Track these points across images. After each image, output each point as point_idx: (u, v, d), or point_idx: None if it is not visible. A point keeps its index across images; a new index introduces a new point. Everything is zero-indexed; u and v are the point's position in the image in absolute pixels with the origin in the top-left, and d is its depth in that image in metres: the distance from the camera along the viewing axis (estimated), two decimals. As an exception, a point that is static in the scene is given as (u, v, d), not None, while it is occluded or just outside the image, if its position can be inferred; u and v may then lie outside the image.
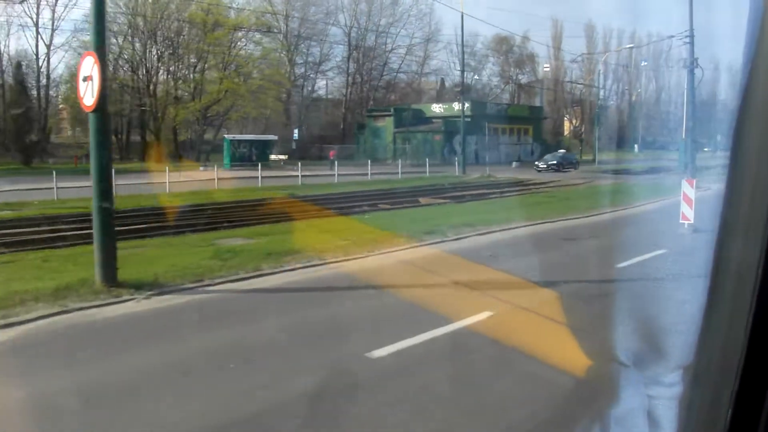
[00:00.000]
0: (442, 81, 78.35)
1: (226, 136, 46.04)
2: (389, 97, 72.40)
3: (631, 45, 66.20)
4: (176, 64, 50.46)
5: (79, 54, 50.80)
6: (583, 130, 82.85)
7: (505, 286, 9.20)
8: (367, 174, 33.95)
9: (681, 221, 14.76)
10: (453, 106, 58.11)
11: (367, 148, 57.44)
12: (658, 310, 7.55)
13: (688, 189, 15.04)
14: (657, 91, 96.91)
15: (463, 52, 40.33)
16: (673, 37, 29.09)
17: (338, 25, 65.03)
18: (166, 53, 49.46)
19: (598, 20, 69.19)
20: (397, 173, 35.42)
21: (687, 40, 27.82)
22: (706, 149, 78.83)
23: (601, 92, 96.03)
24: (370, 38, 68.77)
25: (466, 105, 57.46)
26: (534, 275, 9.66)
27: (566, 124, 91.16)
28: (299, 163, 33.91)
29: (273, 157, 53.05)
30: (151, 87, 48.43)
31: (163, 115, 49.87)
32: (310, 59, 67.94)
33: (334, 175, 32.66)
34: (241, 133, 58.21)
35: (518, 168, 47.94)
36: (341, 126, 66.96)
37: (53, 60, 53.16)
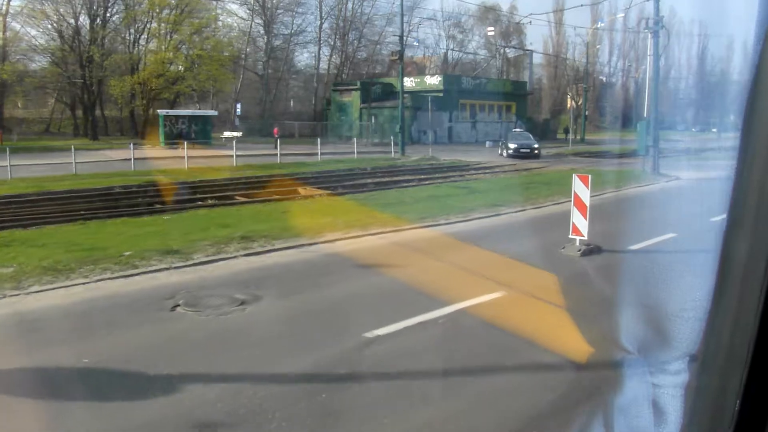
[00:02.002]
0: (445, 55, 73.11)
1: (159, 111, 41.38)
2: (371, 70, 67.27)
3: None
4: (108, 32, 45.68)
5: (30, 23, 46.62)
6: (586, 108, 76.93)
7: None
8: (308, 153, 29.41)
9: (571, 235, 9.98)
10: (425, 79, 52.94)
11: (332, 125, 52.54)
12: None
13: (580, 189, 10.18)
14: (666, 68, 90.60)
15: (402, 13, 34.86)
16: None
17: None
18: (98, 21, 44.60)
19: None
20: (346, 152, 30.77)
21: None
22: (713, 130, 73.31)
23: (605, 68, 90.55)
24: (347, 7, 63.50)
25: (438, 79, 52.65)
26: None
27: (569, 101, 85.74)
28: (225, 141, 29.35)
29: (227, 134, 48.45)
30: (84, 58, 43.57)
31: (99, 89, 45.21)
32: (285, 31, 62.94)
33: (274, 155, 27.99)
34: (212, 109, 53.89)
35: (492, 148, 42.81)
36: (313, 101, 62.02)
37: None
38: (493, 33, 57.67)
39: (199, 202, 16.30)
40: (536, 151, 32.91)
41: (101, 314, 7.00)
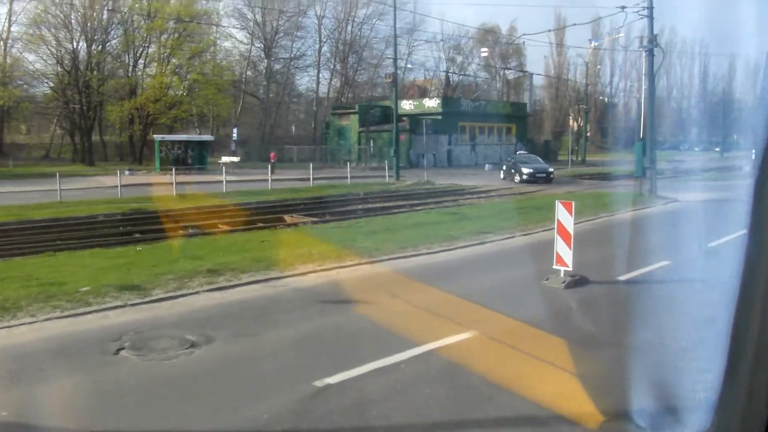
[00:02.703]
0: (447, 78, 73.09)
1: (155, 136, 41.19)
2: (372, 93, 67.25)
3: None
4: (105, 56, 45.72)
5: (29, 48, 46.71)
6: (587, 129, 76.40)
7: None
8: (302, 179, 29.12)
9: (555, 266, 9.45)
10: (423, 102, 52.76)
11: (331, 149, 52.29)
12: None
13: (564, 216, 9.66)
14: (668, 89, 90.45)
15: (395, 35, 34.58)
16: (624, 8, 23.18)
17: (309, 16, 60.01)
18: (95, 46, 44.68)
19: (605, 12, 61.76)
20: (341, 177, 30.39)
21: (645, 12, 21.98)
22: (716, 149, 72.88)
23: (607, 89, 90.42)
24: (347, 30, 63.66)
25: (437, 101, 52.43)
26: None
27: (571, 122, 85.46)
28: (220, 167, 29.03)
29: (225, 159, 48.25)
30: (81, 83, 43.57)
31: (95, 114, 45.13)
32: (285, 55, 63.07)
33: (266, 180, 27.59)
34: (212, 134, 53.85)
35: (491, 171, 42.31)
36: (312, 125, 61.89)
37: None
38: (486, 54, 57.45)
39: (181, 231, 15.85)
40: (552, 176, 31.36)
41: (37, 358, 6.49)
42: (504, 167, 34.48)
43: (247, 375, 5.98)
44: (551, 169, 32.23)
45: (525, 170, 31.15)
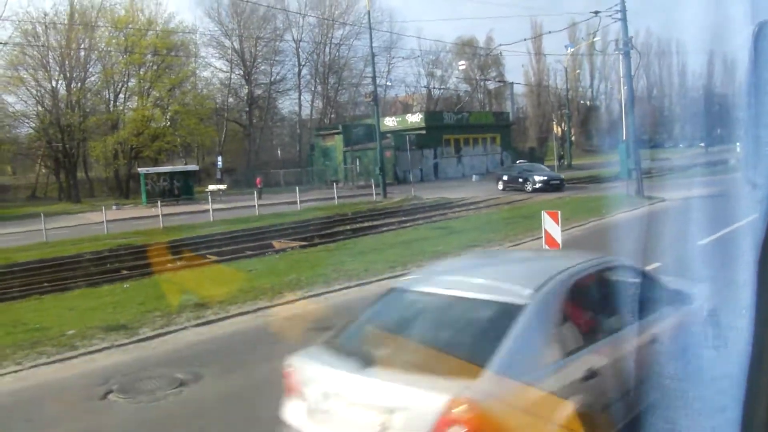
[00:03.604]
0: (429, 92, 73.48)
1: (140, 170, 41.03)
2: (354, 112, 67.48)
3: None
4: (85, 93, 45.62)
5: (8, 90, 46.51)
6: (570, 133, 76.66)
7: None
8: (289, 203, 29.12)
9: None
10: (407, 118, 52.94)
11: (317, 171, 52.25)
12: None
13: (551, 226, 9.63)
14: (649, 88, 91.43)
15: (372, 54, 34.69)
16: (598, 12, 23.43)
17: (286, 40, 60.28)
18: (75, 83, 44.64)
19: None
20: (328, 198, 30.39)
21: (618, 16, 22.22)
22: (701, 144, 73.31)
23: (588, 92, 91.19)
24: (325, 52, 63.93)
25: (420, 116, 52.61)
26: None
27: (555, 128, 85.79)
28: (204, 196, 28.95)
29: (211, 187, 48.14)
30: (62, 122, 43.41)
31: (78, 152, 44.98)
32: (266, 80, 63.23)
33: (254, 206, 27.45)
34: (198, 163, 53.80)
35: (479, 182, 42.42)
36: (297, 148, 61.94)
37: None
38: (464, 67, 57.89)
39: (169, 265, 15.68)
40: (564, 182, 30.94)
41: (24, 408, 6.35)
42: (505, 177, 33.11)
43: (237, 414, 5.85)
44: (563, 176, 32.11)
45: (538, 178, 30.56)
